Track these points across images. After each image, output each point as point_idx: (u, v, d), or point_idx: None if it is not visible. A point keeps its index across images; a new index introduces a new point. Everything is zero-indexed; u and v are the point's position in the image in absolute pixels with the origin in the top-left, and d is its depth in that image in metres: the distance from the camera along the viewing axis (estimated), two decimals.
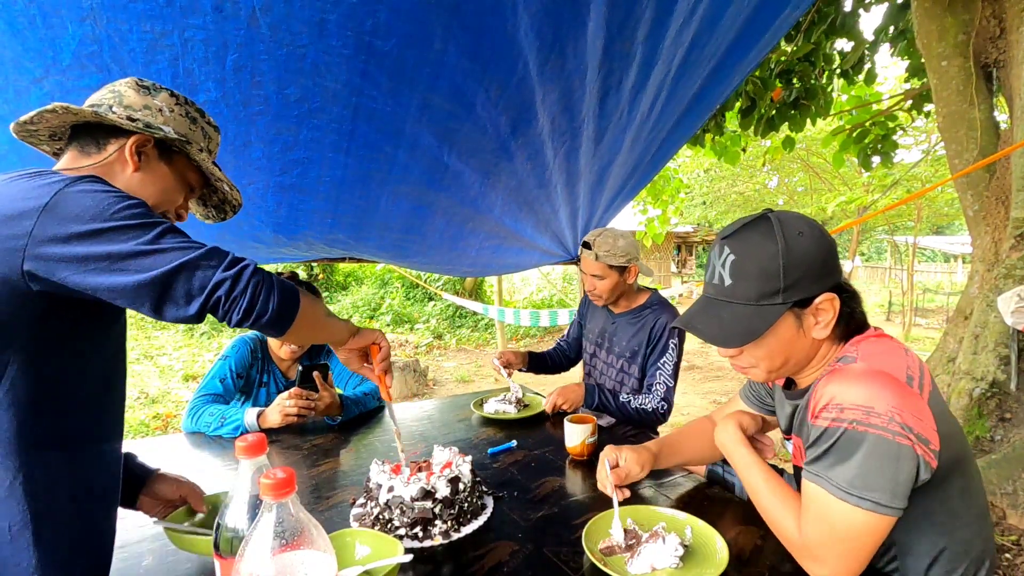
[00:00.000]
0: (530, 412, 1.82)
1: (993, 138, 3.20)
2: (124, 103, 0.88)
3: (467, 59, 1.40)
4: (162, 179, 0.91)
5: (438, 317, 10.47)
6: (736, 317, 0.88)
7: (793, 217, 0.89)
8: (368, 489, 1.09)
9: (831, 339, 0.91)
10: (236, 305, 0.74)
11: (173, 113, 0.92)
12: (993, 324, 2.93)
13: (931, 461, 0.78)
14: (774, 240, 0.85)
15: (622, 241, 1.85)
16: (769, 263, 0.85)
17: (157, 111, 0.90)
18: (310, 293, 0.91)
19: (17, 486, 0.70)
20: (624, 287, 1.92)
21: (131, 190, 0.87)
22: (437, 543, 0.98)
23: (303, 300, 0.83)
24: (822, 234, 0.88)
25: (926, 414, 0.79)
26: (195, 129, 0.95)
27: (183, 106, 0.94)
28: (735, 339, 0.88)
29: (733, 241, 0.90)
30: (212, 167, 0.97)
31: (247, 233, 2.01)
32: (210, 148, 1.00)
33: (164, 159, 0.92)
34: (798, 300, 0.86)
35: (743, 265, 0.87)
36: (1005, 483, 2.52)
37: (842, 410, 0.79)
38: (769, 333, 0.87)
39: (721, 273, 0.90)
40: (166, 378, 6.36)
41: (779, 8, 1.86)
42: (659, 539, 0.91)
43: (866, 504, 0.77)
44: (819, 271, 0.86)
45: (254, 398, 1.83)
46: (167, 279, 0.70)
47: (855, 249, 13.05)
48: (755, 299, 0.87)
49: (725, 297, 0.90)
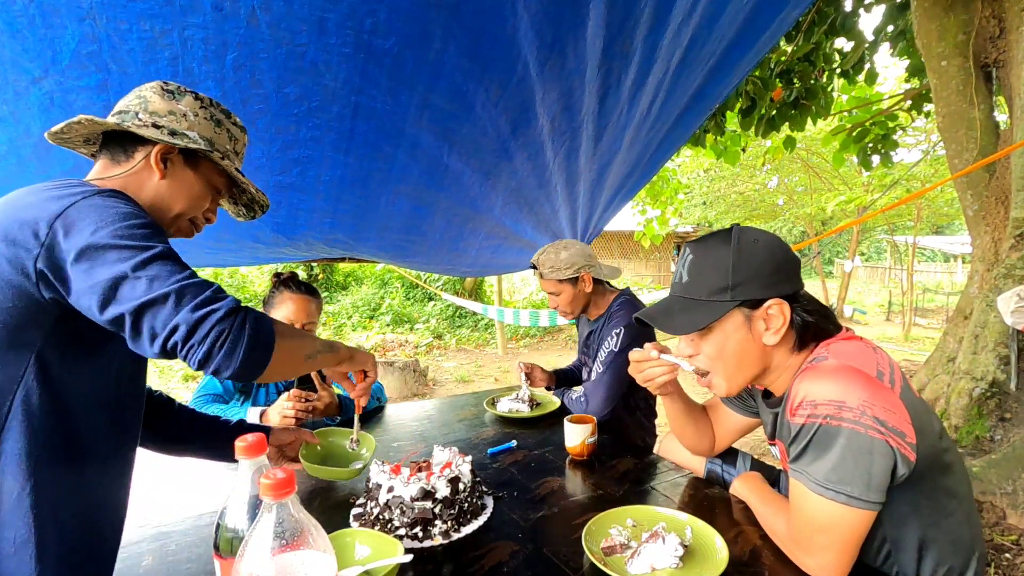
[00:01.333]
0: (543, 411, 1.82)
1: (993, 138, 3.20)
2: (149, 109, 0.88)
3: (467, 59, 1.40)
4: (188, 185, 0.92)
5: (438, 317, 10.46)
6: (686, 308, 0.95)
7: (755, 230, 0.96)
8: (368, 489, 1.09)
9: (787, 347, 0.96)
10: (192, 353, 0.68)
11: (198, 117, 0.91)
12: (993, 324, 2.93)
13: (908, 454, 0.80)
14: (728, 244, 0.93)
15: (564, 253, 1.83)
16: (720, 262, 0.92)
17: (182, 116, 0.89)
18: (297, 330, 0.88)
19: (25, 498, 0.70)
20: (584, 297, 1.89)
21: (160, 197, 0.89)
22: (437, 543, 0.98)
23: (280, 346, 0.76)
24: (780, 247, 0.94)
25: (899, 407, 0.81)
26: (220, 132, 0.94)
27: (208, 109, 0.93)
28: (683, 327, 0.94)
29: (695, 245, 0.98)
30: (236, 172, 0.97)
31: (246, 233, 2.01)
32: (236, 149, 0.99)
33: (190, 165, 0.91)
34: (746, 300, 0.91)
35: (698, 264, 0.95)
36: (1005, 483, 2.52)
37: (815, 406, 0.82)
38: (717, 328, 0.94)
39: (681, 272, 0.99)
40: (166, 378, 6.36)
41: (779, 8, 1.86)
42: (659, 539, 0.91)
43: (841, 497, 0.80)
44: (768, 277, 0.91)
45: (253, 398, 1.83)
46: (137, 312, 0.67)
47: (855, 249, 13.04)
48: (706, 295, 0.94)
49: (682, 293, 0.98)
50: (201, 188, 0.94)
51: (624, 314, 1.81)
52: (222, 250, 2.20)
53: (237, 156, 0.99)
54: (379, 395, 1.96)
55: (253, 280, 10.30)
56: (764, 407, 1.08)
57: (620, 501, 1.08)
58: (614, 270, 1.96)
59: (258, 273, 10.40)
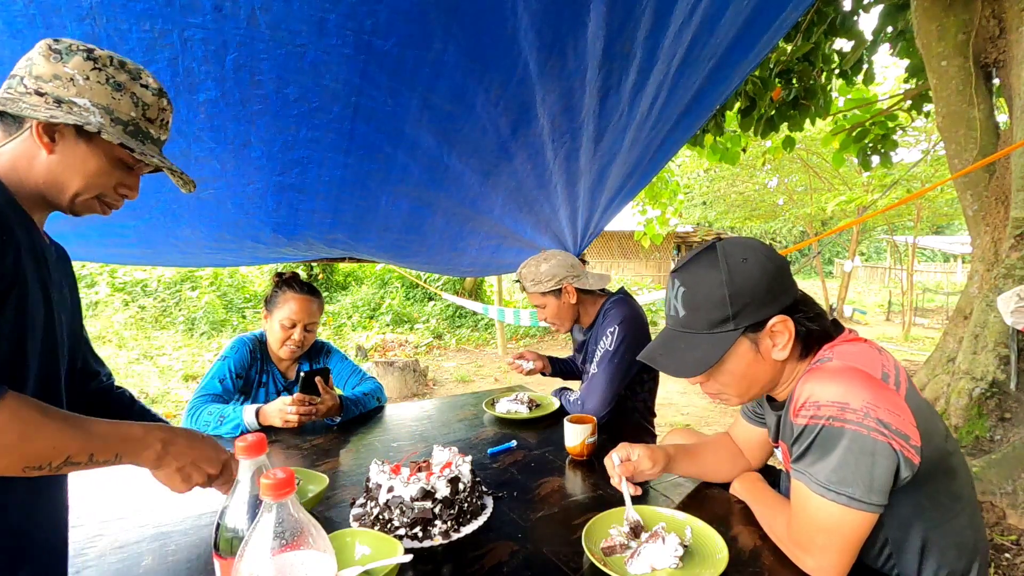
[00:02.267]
0: (542, 412, 1.82)
1: (993, 138, 3.20)
2: (34, 73, 0.76)
3: (467, 59, 1.40)
4: (82, 161, 0.80)
5: (438, 317, 10.46)
6: (692, 346, 0.91)
7: (739, 244, 0.92)
8: (368, 489, 1.09)
9: (795, 357, 0.94)
10: None
11: (89, 81, 0.77)
12: (993, 324, 2.93)
13: (912, 457, 0.80)
14: (717, 269, 0.89)
15: (544, 265, 1.82)
16: (714, 292, 0.89)
17: (69, 81, 0.76)
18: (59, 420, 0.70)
19: None
20: (570, 308, 1.87)
21: (52, 175, 0.79)
22: (437, 543, 0.98)
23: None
24: (768, 258, 0.90)
25: (903, 409, 0.81)
26: (120, 97, 0.80)
27: (103, 70, 0.79)
28: (692, 368, 0.91)
29: (682, 274, 0.93)
30: (136, 143, 0.82)
31: (246, 233, 2.01)
32: (149, 116, 0.84)
33: (83, 138, 0.79)
34: (749, 325, 0.89)
35: (692, 297, 0.91)
36: (1005, 483, 2.52)
37: (819, 407, 0.82)
38: (727, 359, 0.91)
39: (676, 305, 0.94)
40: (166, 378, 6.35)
41: (779, 8, 1.86)
42: (659, 539, 0.91)
43: (842, 499, 0.80)
44: (765, 296, 0.89)
45: (253, 398, 1.83)
46: None
47: (855, 249, 13.04)
48: (707, 328, 0.90)
49: (682, 328, 0.94)
50: (99, 164, 0.81)
51: (616, 312, 1.79)
52: (222, 250, 2.20)
53: (152, 123, 0.86)
54: (379, 395, 1.96)
55: (253, 280, 10.30)
56: (768, 411, 1.08)
57: (620, 501, 1.08)
58: (602, 278, 1.91)
59: (258, 273, 10.40)
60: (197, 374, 6.50)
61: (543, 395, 2.01)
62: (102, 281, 8.19)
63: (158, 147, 0.89)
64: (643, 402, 1.94)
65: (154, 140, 0.87)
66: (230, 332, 8.24)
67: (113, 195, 0.86)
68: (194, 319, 8.35)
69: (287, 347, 1.80)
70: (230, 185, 1.66)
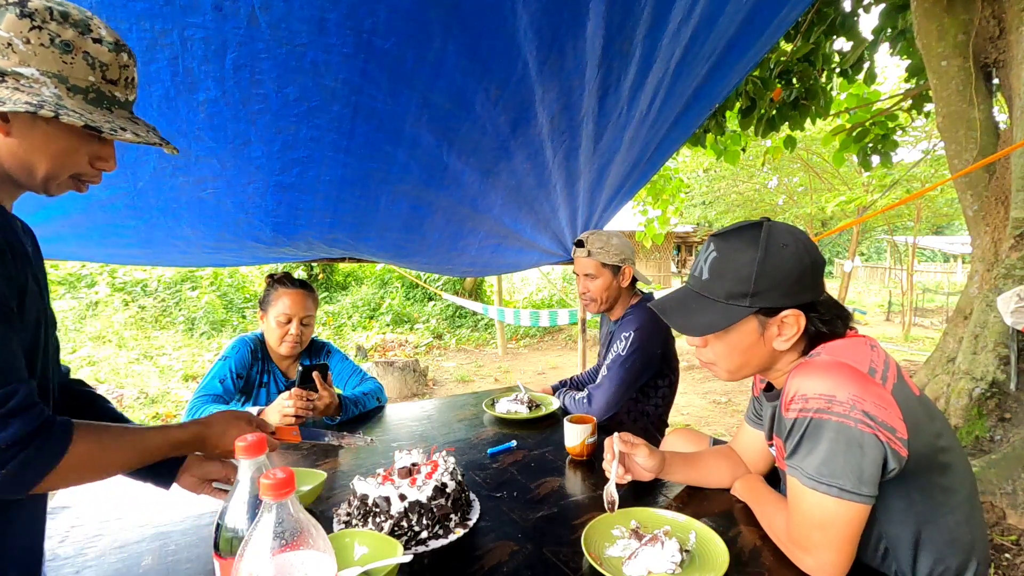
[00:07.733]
0: (541, 413, 1.82)
1: (993, 138, 3.20)
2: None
3: (467, 58, 1.40)
4: (45, 141, 0.70)
5: (438, 317, 10.46)
6: (703, 309, 0.94)
7: (784, 230, 0.92)
8: (368, 508, 1.03)
9: (796, 352, 0.96)
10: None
11: (31, 45, 0.66)
12: (993, 324, 2.93)
13: (899, 449, 0.80)
14: (755, 247, 0.89)
15: (616, 240, 1.81)
16: (744, 267, 0.90)
17: (7, 47, 0.65)
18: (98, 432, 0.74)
19: None
20: (618, 291, 1.86)
21: (16, 159, 0.70)
22: (456, 535, 0.98)
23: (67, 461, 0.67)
24: (807, 252, 0.91)
25: (890, 403, 0.82)
26: (72, 60, 0.68)
27: (45, 28, 0.66)
28: (696, 329, 0.94)
29: (720, 240, 0.95)
30: (101, 113, 0.71)
31: (246, 233, 2.01)
32: (109, 77, 0.72)
33: (40, 117, 0.68)
34: (764, 308, 0.90)
35: (721, 264, 0.93)
36: (1005, 483, 2.52)
37: (807, 400, 0.83)
38: (730, 331, 0.93)
39: (702, 267, 0.96)
40: (166, 378, 6.35)
41: (778, 7, 1.86)
42: (658, 543, 0.91)
43: (833, 491, 0.81)
44: (791, 286, 0.89)
45: (254, 398, 1.83)
46: None
47: (855, 249, 13.05)
48: (724, 297, 0.92)
49: (699, 290, 0.96)
50: (66, 142, 0.71)
51: (635, 317, 1.79)
52: (222, 250, 2.20)
53: (116, 84, 0.74)
54: (379, 395, 1.96)
55: (253, 280, 10.29)
56: (766, 403, 1.08)
57: (619, 501, 1.08)
58: (646, 277, 1.95)
59: (258, 273, 10.39)
60: (197, 374, 6.49)
61: (543, 395, 2.01)
62: (102, 281, 8.18)
63: (127, 110, 0.78)
64: (655, 408, 1.91)
65: (121, 104, 0.76)
66: (230, 332, 8.24)
67: (89, 171, 0.77)
68: (194, 319, 8.35)
69: (286, 343, 1.80)
70: (230, 184, 1.66)
